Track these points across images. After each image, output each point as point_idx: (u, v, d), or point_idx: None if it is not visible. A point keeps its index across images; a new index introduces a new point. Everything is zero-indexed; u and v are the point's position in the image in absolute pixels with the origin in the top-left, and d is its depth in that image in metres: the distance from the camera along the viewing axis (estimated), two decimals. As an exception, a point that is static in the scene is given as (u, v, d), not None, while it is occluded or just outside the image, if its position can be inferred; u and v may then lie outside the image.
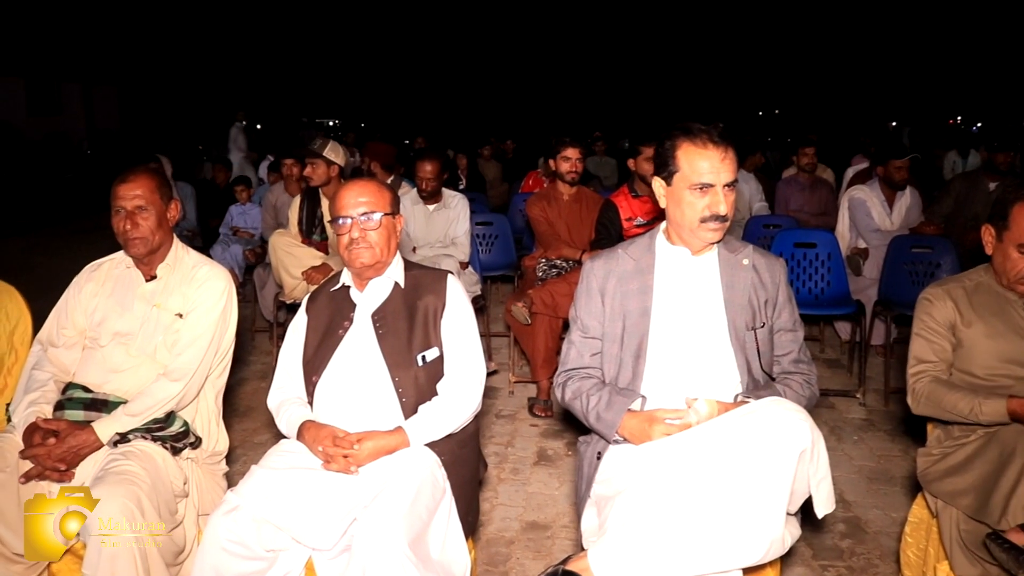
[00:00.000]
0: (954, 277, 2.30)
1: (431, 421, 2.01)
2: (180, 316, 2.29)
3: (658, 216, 3.77)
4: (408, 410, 2.03)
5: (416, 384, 2.05)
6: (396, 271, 2.18)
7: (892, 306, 4.31)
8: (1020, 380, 2.06)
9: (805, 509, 1.77)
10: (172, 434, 2.19)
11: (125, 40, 21.99)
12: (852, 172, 6.98)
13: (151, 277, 2.34)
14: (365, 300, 2.16)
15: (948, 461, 2.11)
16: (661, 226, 2.10)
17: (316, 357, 2.12)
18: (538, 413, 4.08)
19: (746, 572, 1.65)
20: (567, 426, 3.89)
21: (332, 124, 30.47)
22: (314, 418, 2.07)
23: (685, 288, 2.01)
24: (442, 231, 4.65)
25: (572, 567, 1.65)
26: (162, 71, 23.86)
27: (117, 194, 2.26)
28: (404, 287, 2.16)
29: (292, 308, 4.37)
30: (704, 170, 1.89)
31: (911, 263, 4.48)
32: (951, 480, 2.08)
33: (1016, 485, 1.89)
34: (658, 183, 2.01)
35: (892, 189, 4.94)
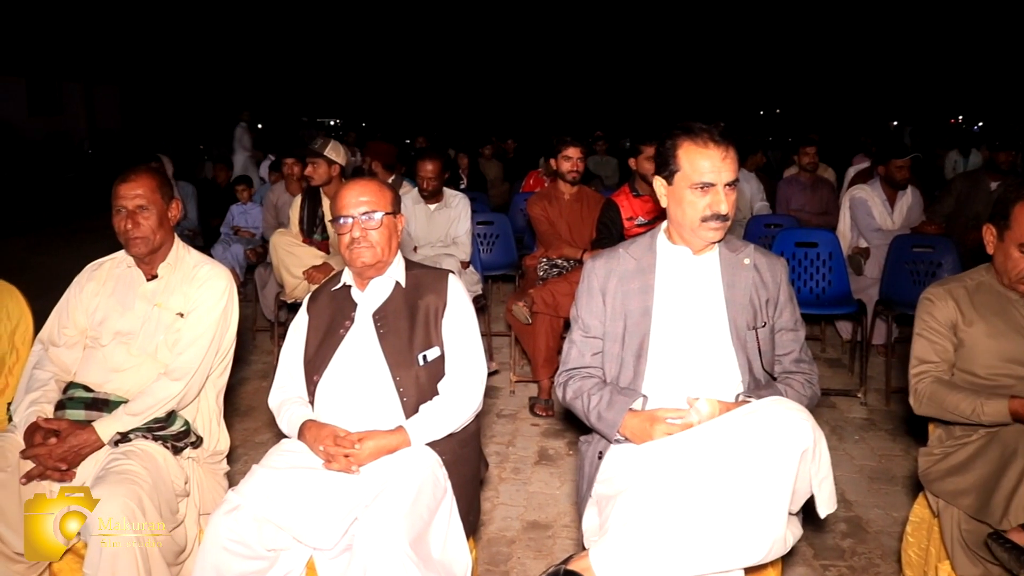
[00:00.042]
0: (955, 277, 2.29)
1: (432, 420, 2.01)
2: (181, 315, 2.29)
3: (659, 215, 3.76)
4: (409, 409, 2.03)
5: (417, 383, 2.05)
6: (397, 270, 2.18)
7: (893, 305, 4.30)
8: (1021, 380, 2.06)
9: (806, 509, 1.77)
10: (173, 433, 2.19)
11: (126, 40, 22.01)
12: (853, 171, 6.97)
13: (152, 276, 2.34)
14: (366, 299, 2.16)
15: (949, 461, 2.11)
16: (662, 225, 2.10)
17: (317, 356, 2.12)
18: (539, 412, 4.08)
19: (748, 572, 1.65)
20: (568, 425, 3.89)
21: (333, 123, 30.45)
22: (315, 417, 2.07)
23: (686, 287, 2.01)
24: (443, 230, 4.65)
25: (574, 566, 1.65)
26: (163, 71, 23.87)
27: (118, 193, 2.26)
28: (405, 286, 2.16)
29: (293, 307, 4.38)
30: (705, 169, 1.89)
31: (912, 262, 4.47)
32: (952, 480, 2.08)
33: (1017, 485, 1.89)
34: (659, 182, 2.01)
35: (893, 188, 4.94)
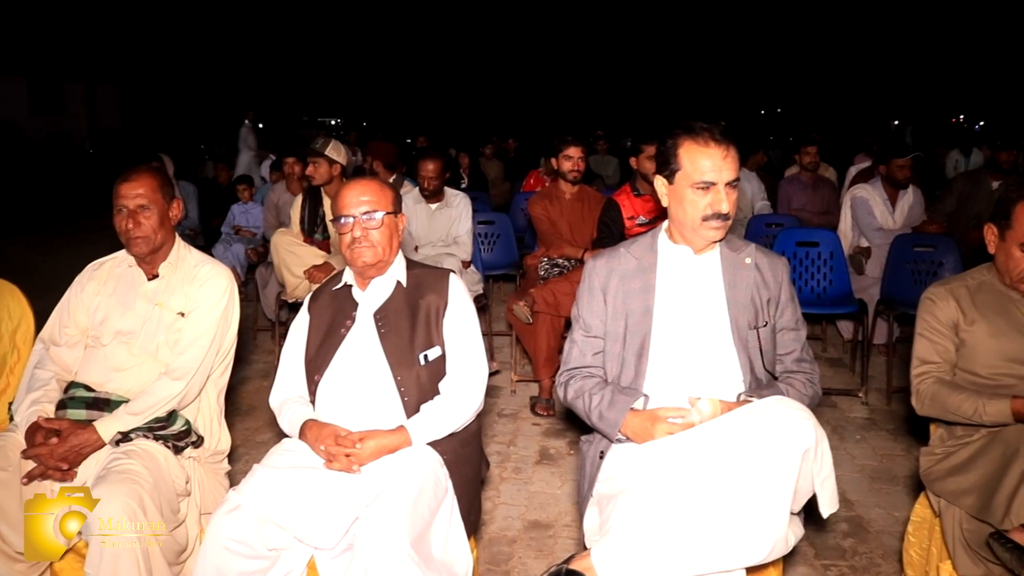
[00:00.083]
0: (957, 276, 2.29)
1: (433, 420, 2.01)
2: (182, 315, 2.29)
3: (660, 215, 3.76)
4: (410, 409, 2.03)
5: (418, 383, 2.05)
6: (398, 270, 2.18)
7: (894, 305, 4.30)
8: (1023, 379, 2.06)
9: (807, 508, 1.77)
10: (174, 433, 2.19)
11: (127, 39, 22.02)
12: (854, 171, 6.96)
13: (153, 276, 2.34)
14: (367, 299, 2.16)
15: (951, 460, 2.11)
16: (663, 225, 2.10)
17: (318, 356, 2.12)
18: (540, 412, 4.08)
19: (749, 571, 1.65)
20: (569, 425, 3.89)
21: (334, 123, 30.47)
22: (316, 417, 2.07)
23: (687, 287, 2.01)
24: (444, 230, 4.65)
25: (575, 566, 1.65)
26: (164, 70, 23.88)
27: (119, 193, 2.26)
28: (406, 286, 2.16)
29: (294, 307, 4.38)
30: (706, 168, 1.89)
31: (913, 262, 4.47)
32: (954, 479, 2.08)
33: (1019, 485, 1.88)
34: (660, 181, 2.01)
35: (895, 188, 4.93)
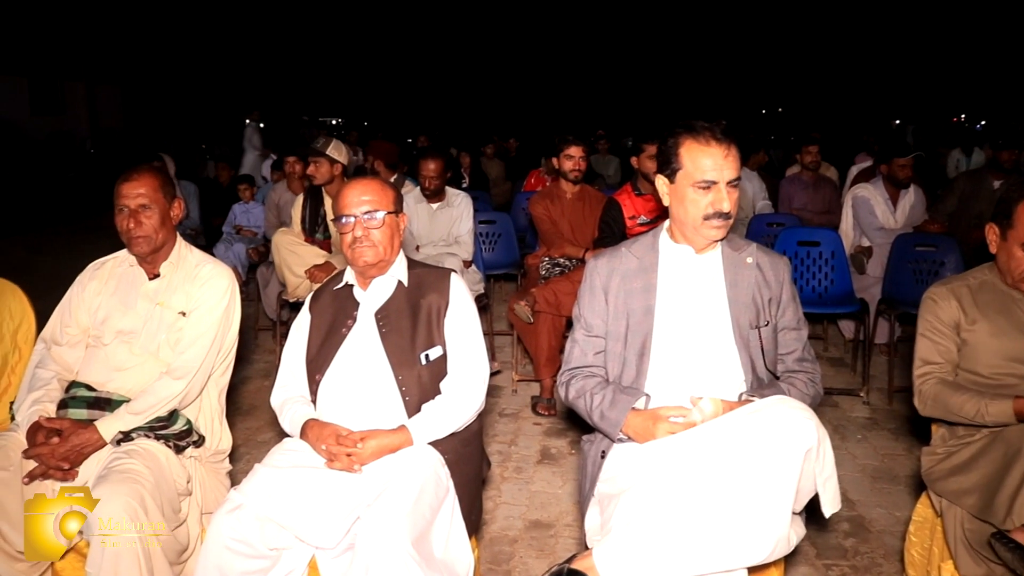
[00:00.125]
0: (958, 276, 2.29)
1: (434, 420, 2.01)
2: (183, 314, 2.29)
3: (661, 214, 3.76)
4: (411, 409, 2.03)
5: (419, 383, 2.05)
6: (399, 270, 2.18)
7: (896, 304, 4.29)
8: (1025, 379, 2.06)
9: (808, 508, 1.76)
10: (175, 432, 2.19)
11: (128, 39, 22.03)
12: (856, 170, 6.96)
13: (154, 275, 2.34)
14: (368, 299, 2.16)
15: (953, 460, 2.11)
16: (665, 224, 2.10)
17: (319, 356, 2.12)
18: (541, 412, 4.08)
19: (751, 571, 1.65)
20: (570, 425, 3.88)
21: (335, 123, 30.47)
22: (317, 416, 2.07)
23: (689, 286, 2.01)
24: (445, 230, 4.65)
25: (577, 566, 1.65)
26: (165, 70, 23.89)
27: (120, 193, 2.26)
28: (407, 286, 2.16)
29: (295, 307, 4.38)
30: (707, 167, 1.89)
31: (915, 261, 4.46)
32: (956, 479, 2.07)
33: (1021, 484, 1.88)
34: (661, 181, 2.01)
35: (896, 187, 4.93)
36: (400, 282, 2.16)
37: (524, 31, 34.16)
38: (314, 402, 2.13)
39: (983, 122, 24.99)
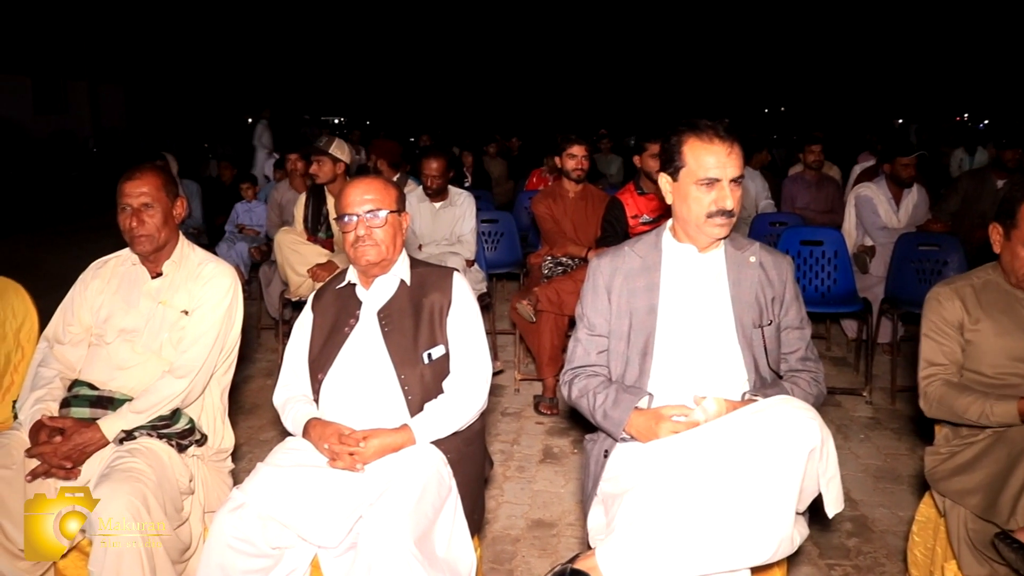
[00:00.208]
0: (962, 275, 2.28)
1: (437, 419, 2.01)
2: (186, 313, 2.29)
3: (664, 214, 3.76)
4: (414, 408, 2.03)
5: (422, 382, 2.05)
6: (402, 269, 2.17)
7: (899, 304, 4.28)
8: (1029, 378, 2.05)
9: (811, 508, 1.76)
10: (178, 431, 2.19)
11: (131, 39, 22.08)
12: (859, 169, 6.95)
13: (157, 274, 2.34)
14: (371, 298, 2.16)
15: (956, 460, 2.10)
16: (667, 223, 2.10)
17: (322, 355, 2.12)
18: (544, 411, 4.08)
19: (754, 571, 1.64)
20: (573, 424, 3.88)
21: (337, 122, 30.47)
22: (320, 416, 2.07)
23: (692, 285, 2.00)
24: (448, 229, 4.65)
25: (580, 565, 1.64)
26: (168, 69, 23.94)
27: (123, 191, 2.26)
28: (410, 285, 2.16)
29: (298, 306, 4.38)
30: (710, 165, 1.88)
31: (918, 261, 4.45)
32: (959, 479, 2.07)
33: (1025, 484, 1.88)
34: (664, 179, 2.00)
35: (899, 186, 4.92)
36: (402, 281, 2.16)
37: (527, 30, 34.17)
38: (316, 401, 2.13)
39: (986, 121, 24.94)
